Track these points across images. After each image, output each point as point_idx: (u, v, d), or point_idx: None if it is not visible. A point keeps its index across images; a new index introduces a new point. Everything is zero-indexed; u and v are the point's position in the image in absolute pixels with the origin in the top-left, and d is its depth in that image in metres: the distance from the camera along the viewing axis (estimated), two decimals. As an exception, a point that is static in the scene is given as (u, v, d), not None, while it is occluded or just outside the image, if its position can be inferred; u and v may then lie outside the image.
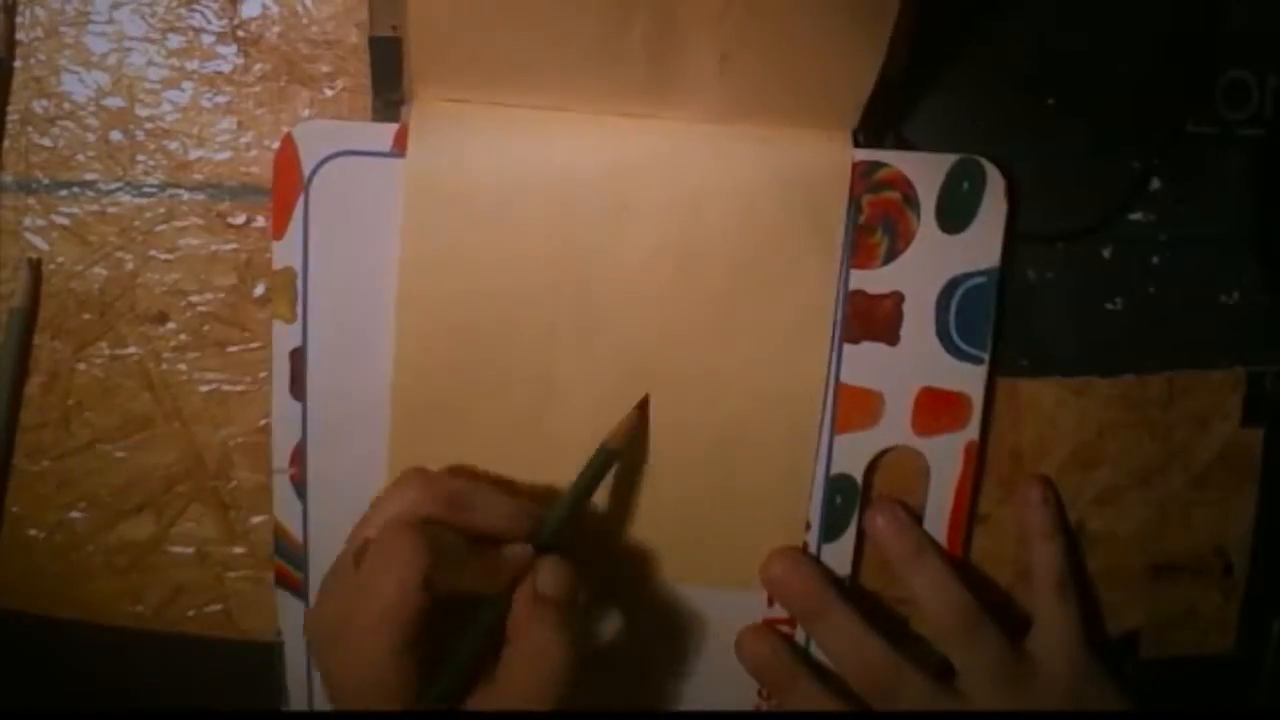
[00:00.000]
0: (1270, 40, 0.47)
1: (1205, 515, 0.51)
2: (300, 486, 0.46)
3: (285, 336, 0.45)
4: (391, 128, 0.44)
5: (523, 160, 0.44)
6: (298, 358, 0.45)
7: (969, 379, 0.47)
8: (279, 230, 0.44)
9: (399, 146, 0.44)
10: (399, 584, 0.38)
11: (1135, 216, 0.48)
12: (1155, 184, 0.48)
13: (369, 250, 0.44)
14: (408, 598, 0.38)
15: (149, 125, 0.45)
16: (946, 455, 0.48)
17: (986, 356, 0.47)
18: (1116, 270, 0.48)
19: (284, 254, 0.45)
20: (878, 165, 0.45)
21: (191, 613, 0.48)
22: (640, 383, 0.46)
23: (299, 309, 0.45)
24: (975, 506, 0.49)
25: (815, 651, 0.49)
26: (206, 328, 0.46)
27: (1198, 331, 0.49)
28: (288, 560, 0.47)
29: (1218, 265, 0.49)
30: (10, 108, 0.44)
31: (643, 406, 0.46)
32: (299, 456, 0.46)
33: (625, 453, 0.45)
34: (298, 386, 0.46)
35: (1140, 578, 0.51)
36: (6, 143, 0.44)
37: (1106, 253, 0.48)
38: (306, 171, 0.44)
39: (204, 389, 0.46)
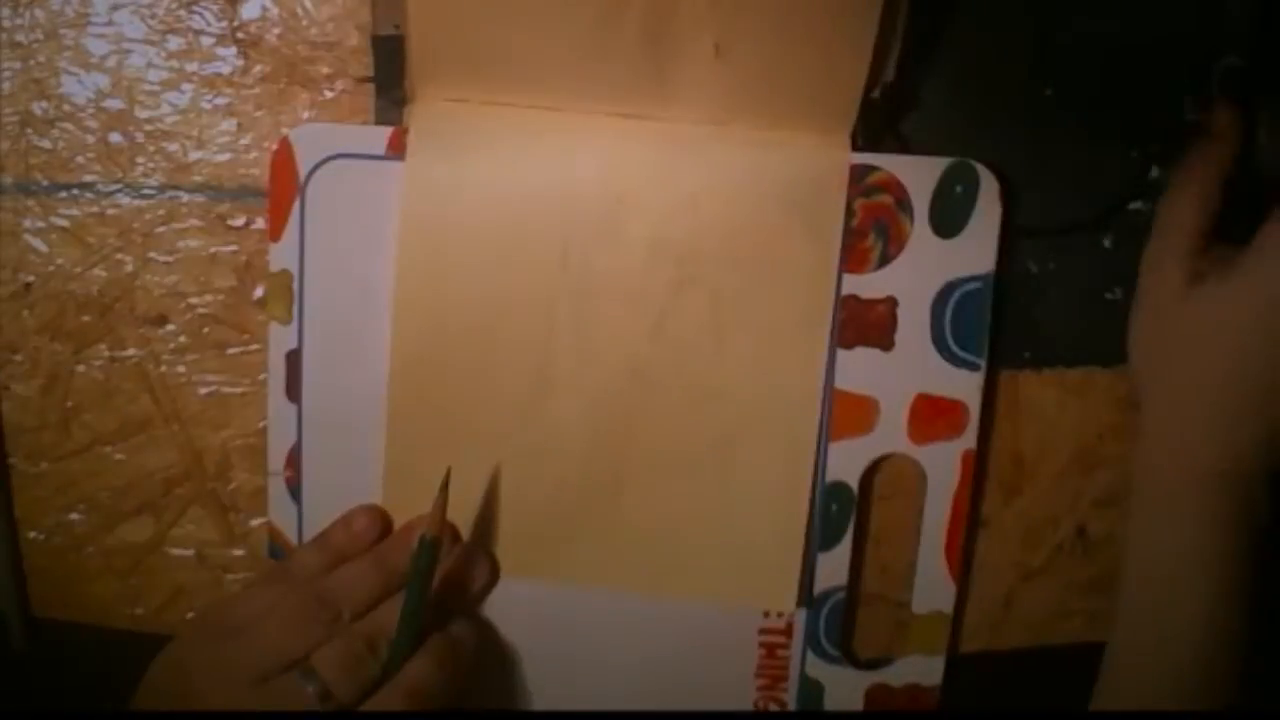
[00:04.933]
0: (1264, 27, 0.47)
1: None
2: (295, 489, 0.46)
3: (281, 338, 0.45)
4: (387, 131, 0.44)
5: (521, 161, 0.44)
6: (294, 360, 0.45)
7: (965, 386, 0.47)
8: (276, 233, 0.44)
9: (394, 149, 0.44)
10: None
11: (1135, 205, 0.47)
12: (1154, 172, 0.47)
13: (365, 252, 0.44)
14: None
15: (149, 127, 0.45)
16: (943, 463, 0.47)
17: (983, 363, 0.47)
18: (1117, 260, 0.48)
19: (281, 256, 0.45)
20: (870, 169, 0.45)
21: (191, 615, 0.48)
22: (636, 386, 0.45)
23: (295, 311, 0.45)
24: (977, 513, 0.49)
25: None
26: (206, 329, 0.46)
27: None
28: (283, 563, 0.47)
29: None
30: (10, 110, 0.44)
31: (444, 487, 0.43)
32: (294, 459, 0.46)
33: (443, 539, 0.43)
34: (293, 388, 0.46)
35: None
36: (6, 144, 0.44)
37: (1107, 242, 0.48)
38: (303, 174, 0.44)
39: (203, 391, 0.47)
